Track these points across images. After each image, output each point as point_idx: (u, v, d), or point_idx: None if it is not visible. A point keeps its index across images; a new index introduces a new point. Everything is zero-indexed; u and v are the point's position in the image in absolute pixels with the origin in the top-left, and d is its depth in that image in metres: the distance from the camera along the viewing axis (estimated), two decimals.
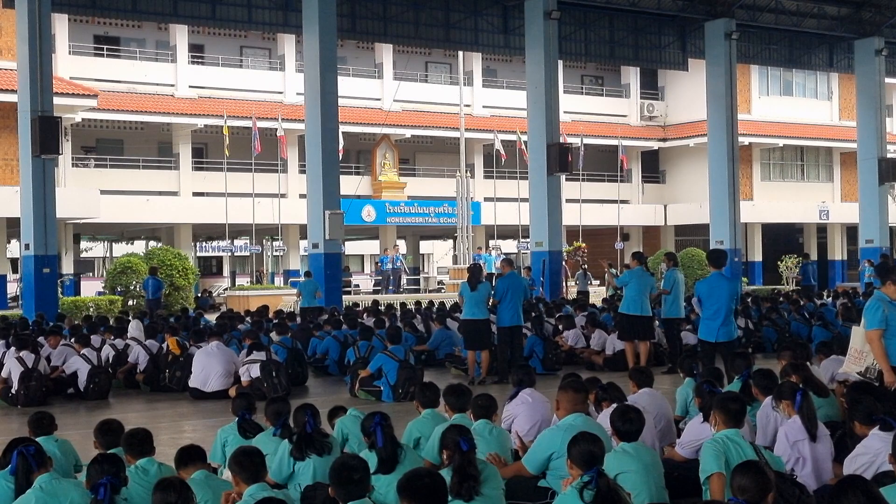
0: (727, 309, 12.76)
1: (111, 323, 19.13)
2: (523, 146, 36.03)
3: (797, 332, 19.33)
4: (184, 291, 31.12)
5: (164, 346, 15.48)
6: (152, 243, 44.73)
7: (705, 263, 24.06)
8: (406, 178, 42.20)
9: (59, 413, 10.18)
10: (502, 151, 39.33)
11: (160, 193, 37.30)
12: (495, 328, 15.91)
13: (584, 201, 42.01)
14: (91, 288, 38.62)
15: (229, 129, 35.69)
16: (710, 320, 12.84)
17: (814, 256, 46.82)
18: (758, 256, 47.35)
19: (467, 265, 22.06)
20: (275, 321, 18.97)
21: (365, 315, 21.21)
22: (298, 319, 20.97)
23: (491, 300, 15.75)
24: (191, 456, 6.34)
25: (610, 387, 8.22)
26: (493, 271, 34.49)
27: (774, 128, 46.25)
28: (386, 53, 42.21)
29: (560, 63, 32.55)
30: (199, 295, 36.96)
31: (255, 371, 13.93)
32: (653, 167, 49.15)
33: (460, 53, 38.93)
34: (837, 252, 49.51)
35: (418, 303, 25.33)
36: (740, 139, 34.82)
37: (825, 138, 47.70)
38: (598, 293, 32.67)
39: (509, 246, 48.04)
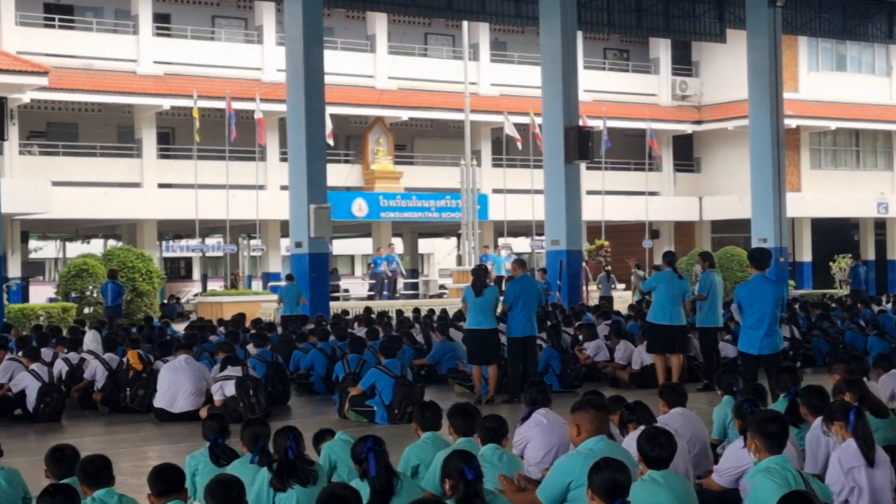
0: (771, 317, 12.76)
1: (64, 334, 19.13)
2: (537, 130, 36.02)
3: (852, 343, 19.34)
4: (148, 298, 31.14)
5: (125, 360, 15.48)
6: (111, 242, 44.76)
7: (746, 264, 23.98)
8: (403, 166, 42.20)
9: (5, 437, 10.20)
10: (515, 135, 39.32)
11: (120, 185, 37.31)
12: (505, 339, 15.90)
13: (608, 193, 41.98)
14: (41, 294, 38.61)
15: (200, 112, 35.68)
16: (752, 330, 12.85)
17: (871, 256, 46.79)
18: (807, 256, 47.31)
19: (472, 267, 22.04)
20: (252, 332, 18.97)
21: (356, 324, 21.22)
22: (279, 330, 20.98)
23: (500, 307, 15.73)
24: (168, 483, 6.25)
25: (637, 406, 8.22)
26: (503, 274, 34.56)
27: (826, 108, 46.22)
28: (379, 24, 42.21)
29: (579, 34, 32.52)
30: (166, 302, 36.97)
31: (230, 389, 13.94)
32: (686, 154, 49.12)
33: (465, 24, 38.91)
34: None
35: (417, 310, 25.33)
36: (786, 121, 34.77)
37: (884, 120, 47.66)
38: (623, 298, 32.65)
39: (521, 245, 48.04)
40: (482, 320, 15.32)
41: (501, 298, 15.69)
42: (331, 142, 33.60)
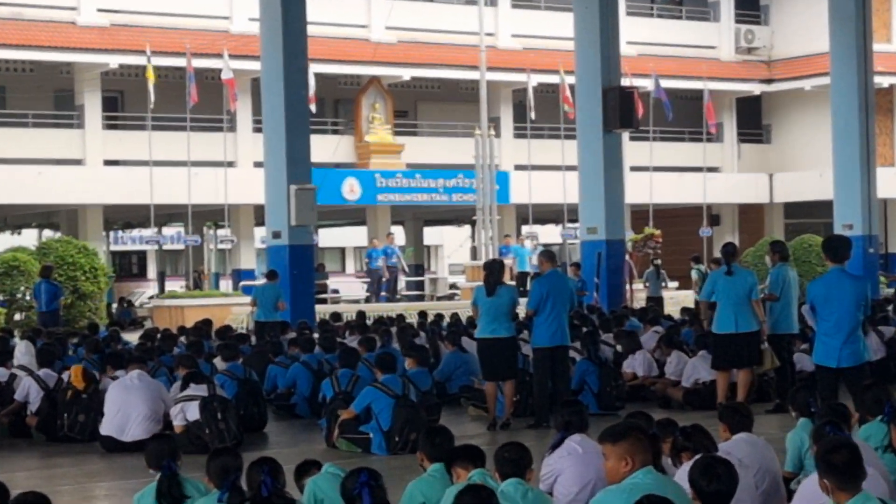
0: (851, 320, 12.65)
1: None
2: (569, 92, 36.01)
3: None
4: (92, 300, 31.21)
5: (66, 376, 15.51)
6: (47, 233, 44.86)
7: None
8: (404, 138, 42.21)
9: None
10: (532, 101, 39.29)
11: (58, 162, 37.38)
12: (530, 350, 15.91)
13: (657, 169, 41.96)
14: None
15: (154, 71, 35.72)
16: (828, 337, 12.75)
17: None
18: None
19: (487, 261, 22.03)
20: (220, 342, 19.00)
21: (347, 332, 21.24)
22: (254, 339, 21.00)
23: (524, 310, 15.73)
24: None
25: (694, 431, 8.24)
26: (528, 270, 34.57)
27: None
28: None
29: None
30: (115, 305, 37.05)
31: (193, 412, 13.95)
32: (753, 121, 49.07)
33: None
34: None
35: (422, 314, 25.34)
36: (877, 79, 34.74)
37: None
38: (675, 299, 32.63)
39: (550, 234, 48.05)
40: (496, 327, 15.25)
41: (516, 299, 15.62)
42: (315, 107, 33.62)
